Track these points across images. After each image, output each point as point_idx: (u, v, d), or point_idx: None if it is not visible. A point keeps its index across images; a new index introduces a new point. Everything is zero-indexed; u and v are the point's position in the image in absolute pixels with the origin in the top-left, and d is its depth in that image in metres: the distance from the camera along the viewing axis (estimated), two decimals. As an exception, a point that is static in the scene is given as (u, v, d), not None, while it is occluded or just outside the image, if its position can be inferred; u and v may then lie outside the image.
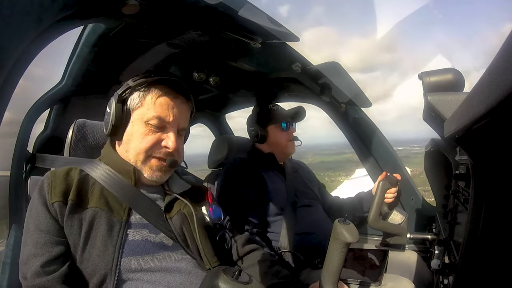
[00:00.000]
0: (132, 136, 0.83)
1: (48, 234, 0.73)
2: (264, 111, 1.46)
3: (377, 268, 1.09)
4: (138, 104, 0.83)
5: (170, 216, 0.84)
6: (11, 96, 0.60)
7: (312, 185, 1.51)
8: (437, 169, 1.28)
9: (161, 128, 0.83)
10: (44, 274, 0.69)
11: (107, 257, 0.73)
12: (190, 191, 0.92)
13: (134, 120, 0.83)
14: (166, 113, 0.82)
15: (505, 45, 0.29)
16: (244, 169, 1.36)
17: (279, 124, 1.42)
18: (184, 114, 0.87)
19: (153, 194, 0.87)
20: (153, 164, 0.84)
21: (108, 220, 0.76)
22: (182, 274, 0.78)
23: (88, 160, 0.90)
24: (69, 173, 0.81)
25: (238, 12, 0.87)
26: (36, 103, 1.18)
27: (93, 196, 0.79)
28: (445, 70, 0.81)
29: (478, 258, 0.59)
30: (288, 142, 1.43)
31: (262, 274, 0.88)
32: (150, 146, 0.82)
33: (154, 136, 0.82)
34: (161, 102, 0.82)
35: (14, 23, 0.48)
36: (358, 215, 1.45)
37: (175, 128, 0.84)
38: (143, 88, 0.82)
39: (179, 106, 0.85)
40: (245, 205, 1.25)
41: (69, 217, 0.74)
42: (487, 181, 0.55)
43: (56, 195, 0.75)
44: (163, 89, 0.83)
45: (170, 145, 0.82)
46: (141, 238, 0.78)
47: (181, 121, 0.86)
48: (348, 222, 0.75)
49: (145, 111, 0.82)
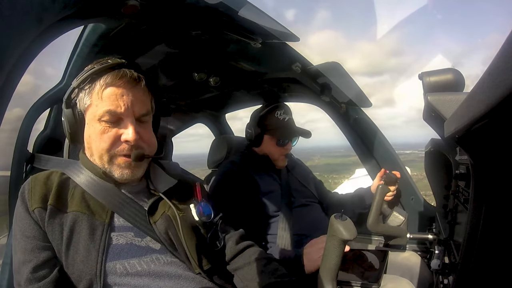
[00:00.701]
0: (90, 138, 0.78)
1: (34, 240, 0.72)
2: (268, 117, 1.36)
3: (377, 269, 1.09)
4: (87, 103, 0.76)
5: (154, 220, 0.79)
6: (11, 96, 0.60)
7: (308, 183, 1.48)
8: (437, 169, 1.28)
9: (116, 123, 0.76)
10: (36, 281, 0.68)
11: (91, 262, 0.70)
12: (177, 187, 0.87)
13: (89, 121, 0.77)
14: (116, 104, 0.74)
15: (505, 45, 0.29)
16: (235, 173, 1.32)
17: (277, 138, 1.35)
18: (139, 98, 0.78)
19: (136, 193, 0.83)
20: (120, 162, 0.78)
21: (89, 223, 0.74)
22: (172, 278, 0.75)
23: (73, 162, 0.87)
24: (49, 177, 0.79)
25: (238, 12, 0.87)
26: (36, 103, 1.18)
27: (73, 199, 0.76)
28: (445, 70, 0.81)
29: (478, 258, 0.59)
30: (280, 157, 1.38)
31: (258, 273, 0.84)
32: (110, 144, 0.76)
33: (111, 133, 0.75)
34: (108, 94, 0.74)
35: (14, 23, 0.48)
36: (358, 211, 1.44)
37: (131, 117, 0.76)
38: (87, 85, 0.75)
39: (129, 91, 0.76)
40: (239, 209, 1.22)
41: (49, 223, 0.72)
42: (487, 181, 0.55)
43: (36, 201, 0.73)
44: (107, 78, 0.74)
45: (129, 138, 0.75)
46: (125, 241, 0.75)
47: (136, 108, 0.77)
48: (345, 217, 0.73)
49: (95, 109, 0.75)
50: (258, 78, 1.46)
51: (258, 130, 1.36)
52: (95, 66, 0.76)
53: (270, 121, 1.36)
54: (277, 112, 1.36)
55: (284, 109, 1.38)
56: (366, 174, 1.74)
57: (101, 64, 0.76)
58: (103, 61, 0.77)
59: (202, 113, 2.04)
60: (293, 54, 1.24)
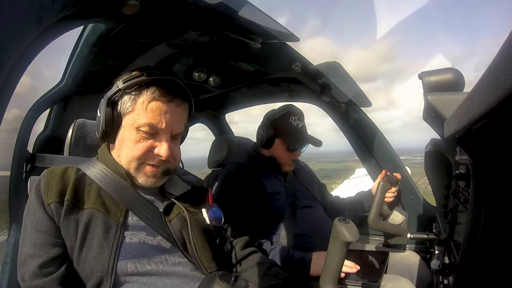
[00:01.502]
0: (124, 142, 0.80)
1: (45, 235, 0.72)
2: (283, 121, 1.36)
3: (377, 269, 1.09)
4: (129, 108, 0.78)
5: (170, 219, 0.81)
6: (11, 96, 0.60)
7: (312, 186, 1.50)
8: (437, 169, 1.28)
9: (153, 135, 0.78)
10: (42, 276, 0.69)
11: (103, 260, 0.71)
12: (190, 192, 0.90)
13: (125, 125, 0.79)
14: (158, 119, 0.77)
15: (505, 45, 0.29)
16: (241, 174, 1.33)
17: (288, 144, 1.35)
18: (179, 118, 0.82)
19: (150, 195, 0.85)
20: (147, 171, 0.80)
21: (104, 221, 0.75)
22: (179, 277, 0.76)
23: (86, 159, 0.88)
24: (65, 172, 0.79)
25: (238, 12, 0.87)
26: (36, 103, 1.18)
27: (89, 196, 0.77)
28: (445, 70, 0.80)
29: (478, 258, 0.59)
30: (288, 161, 1.39)
31: (261, 276, 0.87)
32: (142, 154, 0.78)
33: (146, 144, 0.78)
34: (152, 107, 0.76)
35: (14, 23, 0.48)
36: (359, 215, 1.45)
37: (168, 134, 0.79)
38: (134, 91, 0.77)
39: (173, 110, 0.79)
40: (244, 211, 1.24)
41: (65, 218, 0.73)
42: (487, 181, 0.55)
43: (53, 195, 0.74)
44: (155, 91, 0.76)
45: (162, 153, 0.78)
46: (138, 240, 0.77)
47: (175, 127, 0.80)
48: (348, 221, 0.74)
49: (136, 117, 0.77)
50: (258, 78, 1.46)
51: (271, 133, 1.36)
52: (144, 73, 0.77)
53: (284, 125, 1.35)
54: (291, 117, 1.36)
55: (299, 115, 1.38)
56: (366, 174, 1.74)
57: (152, 75, 0.77)
58: (152, 71, 0.78)
59: (202, 113, 2.04)
60: (293, 54, 1.24)
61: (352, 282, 1.05)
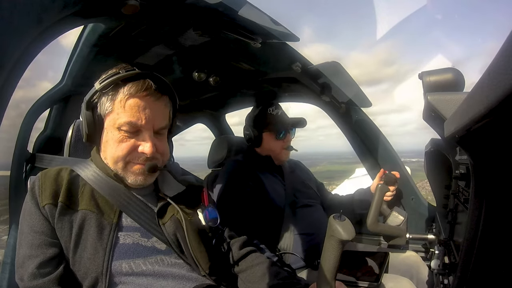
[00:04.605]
0: (107, 143, 0.79)
1: (42, 235, 0.73)
2: (262, 115, 1.41)
3: (377, 270, 1.09)
4: (108, 109, 0.76)
5: (163, 222, 0.81)
6: (11, 96, 0.60)
7: (311, 184, 1.50)
8: (437, 169, 1.28)
9: (135, 133, 0.76)
10: (40, 276, 0.69)
11: (98, 260, 0.71)
12: (185, 193, 0.89)
13: (107, 126, 0.78)
14: (137, 116, 0.75)
15: (505, 45, 0.29)
16: (241, 171, 1.34)
17: (275, 132, 1.38)
18: (160, 112, 0.79)
19: (145, 196, 0.84)
20: (134, 170, 0.79)
21: (98, 222, 0.75)
22: (175, 279, 0.76)
23: (82, 160, 0.87)
24: (59, 174, 0.79)
25: (238, 12, 0.87)
26: (36, 103, 1.18)
27: (83, 197, 0.77)
28: (445, 70, 0.80)
29: (478, 258, 0.59)
30: (282, 150, 1.40)
31: (260, 276, 0.86)
32: (126, 154, 0.77)
33: (129, 143, 0.76)
34: (130, 105, 0.74)
35: (14, 23, 0.48)
36: (358, 212, 1.45)
37: (150, 131, 0.77)
38: (111, 91, 0.75)
39: (152, 105, 0.76)
40: (244, 208, 1.24)
41: (59, 219, 0.73)
42: (487, 181, 0.55)
43: (47, 197, 0.74)
44: (131, 88, 0.74)
45: (146, 151, 0.76)
46: (132, 241, 0.76)
47: (156, 122, 0.78)
48: (343, 218, 0.73)
49: (116, 117, 0.75)
50: (258, 78, 1.46)
51: (256, 130, 1.40)
52: (119, 71, 0.75)
53: (265, 119, 1.40)
54: (269, 109, 1.41)
55: (275, 105, 1.43)
56: (366, 173, 1.74)
57: (126, 71, 0.75)
58: (128, 68, 0.77)
59: (202, 113, 2.04)
60: (293, 54, 1.24)
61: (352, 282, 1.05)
